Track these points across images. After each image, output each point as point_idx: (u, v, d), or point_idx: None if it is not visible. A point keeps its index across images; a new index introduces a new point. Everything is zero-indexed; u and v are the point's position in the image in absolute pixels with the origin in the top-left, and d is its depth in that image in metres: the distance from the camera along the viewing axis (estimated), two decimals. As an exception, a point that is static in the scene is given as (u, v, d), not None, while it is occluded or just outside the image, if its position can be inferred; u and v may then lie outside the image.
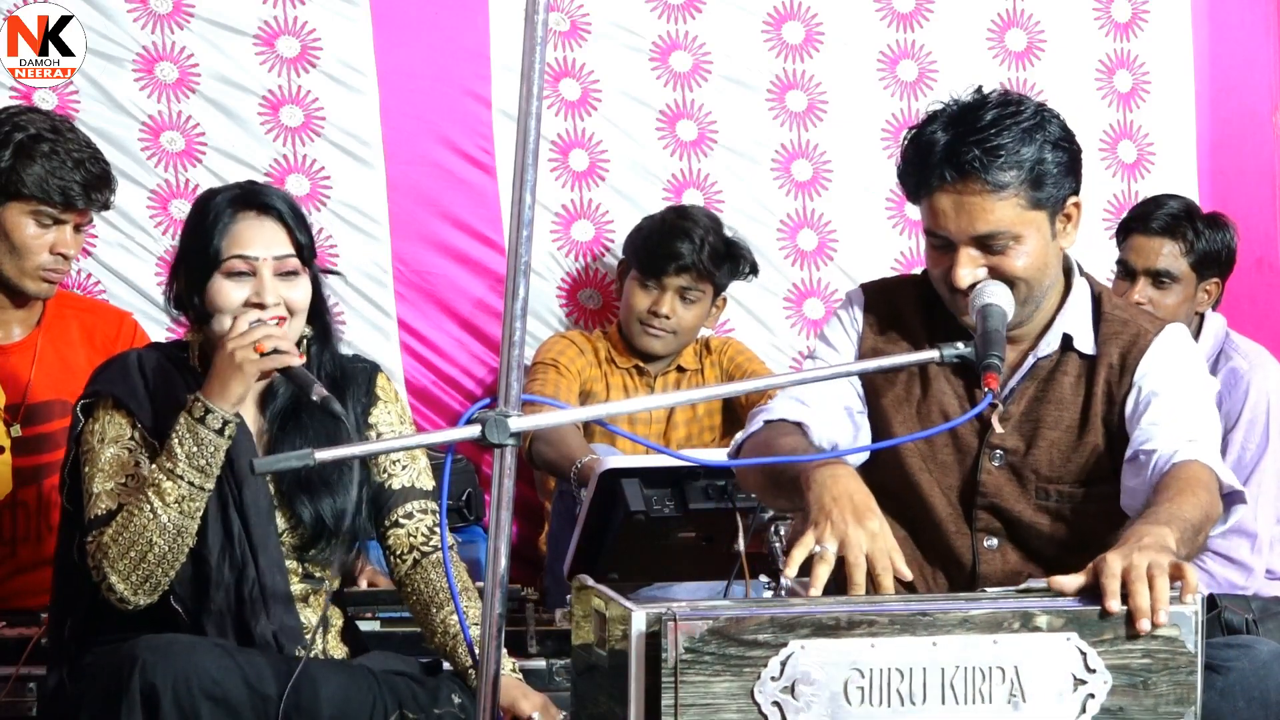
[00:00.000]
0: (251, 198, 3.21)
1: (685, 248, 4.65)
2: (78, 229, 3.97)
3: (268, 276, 3.16)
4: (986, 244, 2.90)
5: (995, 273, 2.91)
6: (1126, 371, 2.97)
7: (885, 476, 2.96)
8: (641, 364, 4.78)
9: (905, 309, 3.07)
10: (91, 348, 4.05)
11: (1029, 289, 2.93)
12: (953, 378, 3.01)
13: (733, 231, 4.83)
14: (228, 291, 3.15)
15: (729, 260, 4.75)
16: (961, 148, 2.89)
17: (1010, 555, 2.97)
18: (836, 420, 3.00)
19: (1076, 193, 2.99)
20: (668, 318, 4.69)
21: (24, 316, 4.06)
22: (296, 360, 3.10)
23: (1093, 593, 2.46)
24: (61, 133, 3.91)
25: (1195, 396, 2.96)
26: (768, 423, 2.99)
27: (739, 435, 3.06)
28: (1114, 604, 2.42)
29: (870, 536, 2.64)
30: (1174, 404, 2.92)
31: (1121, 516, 2.88)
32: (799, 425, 2.96)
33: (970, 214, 2.89)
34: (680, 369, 4.81)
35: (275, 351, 3.09)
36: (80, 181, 3.88)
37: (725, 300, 4.85)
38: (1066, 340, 3.00)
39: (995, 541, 2.98)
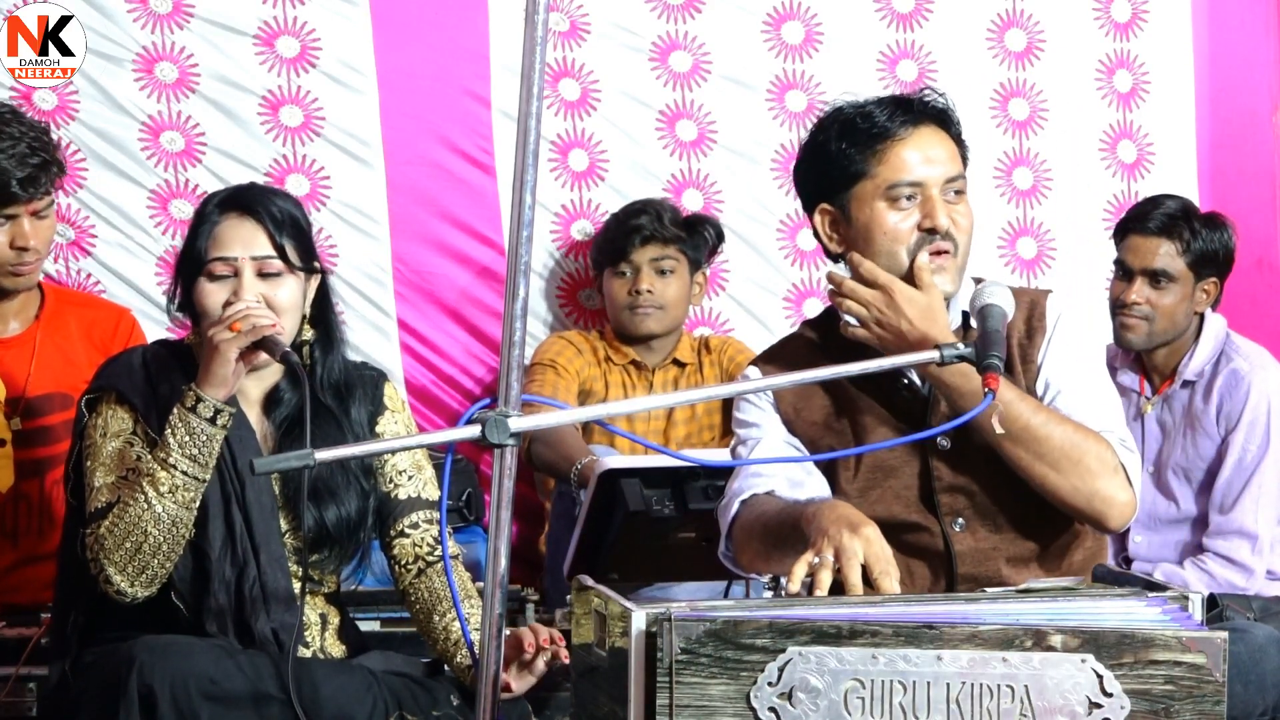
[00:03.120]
0: (237, 199, 3.24)
1: (644, 219, 4.71)
2: (36, 215, 3.91)
3: (248, 276, 3.17)
4: (952, 189, 3.03)
5: (954, 225, 3.01)
6: (1035, 333, 3.06)
7: None
8: (638, 359, 4.78)
9: (802, 353, 3.13)
10: (90, 343, 4.04)
11: (968, 250, 3.04)
12: (876, 387, 3.06)
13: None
14: (210, 293, 3.18)
15: (691, 227, 4.78)
16: (913, 102, 3.07)
17: (979, 530, 3.01)
18: (791, 475, 3.04)
19: None
20: (650, 292, 4.70)
21: (19, 310, 4.06)
22: (270, 330, 3.11)
23: None
24: None
25: (1095, 375, 3.09)
26: (743, 503, 3.04)
27: (724, 523, 3.09)
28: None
29: (865, 541, 2.70)
30: (1080, 394, 3.03)
31: None
32: (770, 494, 3.02)
33: (941, 157, 3.04)
34: (678, 363, 4.81)
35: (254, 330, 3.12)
36: (17, 178, 3.83)
37: (706, 277, 4.85)
38: (965, 318, 3.07)
39: (962, 521, 3.01)
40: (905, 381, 3.04)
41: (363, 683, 3.11)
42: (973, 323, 2.99)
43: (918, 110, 3.05)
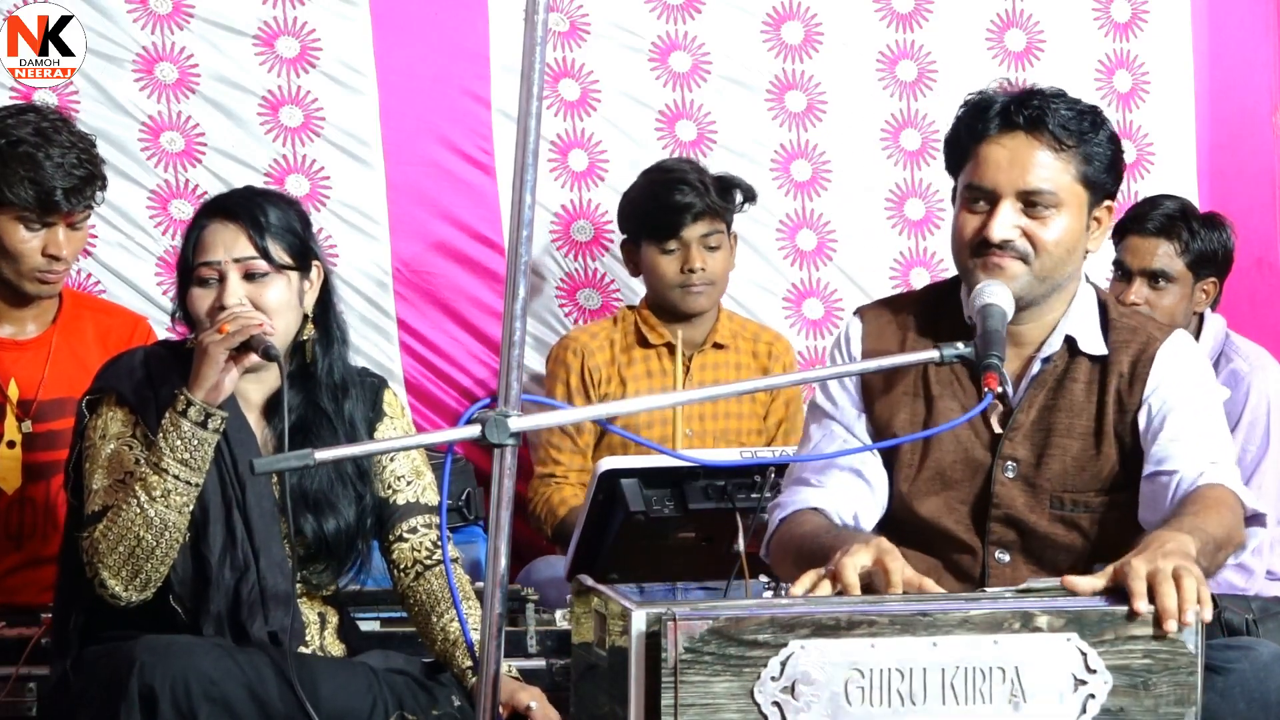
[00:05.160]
0: (221, 204, 3.27)
1: (692, 197, 4.53)
2: (72, 227, 3.94)
3: (232, 279, 3.19)
4: (1030, 202, 2.90)
5: (1028, 238, 2.89)
6: (1137, 381, 2.96)
7: (894, 502, 2.98)
8: (674, 342, 4.62)
9: (906, 319, 3.06)
10: (105, 349, 4.03)
11: (1051, 267, 2.92)
12: (959, 389, 3.00)
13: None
14: (198, 298, 3.21)
15: (729, 191, 4.62)
16: (1029, 99, 2.93)
17: (1022, 568, 2.95)
18: (848, 487, 2.99)
19: (1112, 196, 3.00)
20: (703, 269, 4.55)
21: (38, 314, 4.07)
22: (257, 330, 3.12)
23: (1112, 595, 2.46)
24: (47, 136, 3.86)
25: (1210, 413, 2.96)
26: (783, 520, 2.99)
27: (770, 526, 3.05)
28: (1142, 605, 2.42)
29: (875, 546, 2.64)
30: (1191, 422, 2.91)
31: (1137, 526, 2.88)
32: (816, 510, 2.96)
33: (1024, 165, 2.90)
34: (718, 345, 4.65)
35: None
36: (62, 188, 3.85)
37: (736, 235, 4.72)
38: (1070, 343, 2.98)
39: (1008, 555, 2.96)
40: (1000, 391, 2.78)
41: (363, 681, 3.11)
42: (1080, 343, 2.97)
43: (1016, 114, 2.94)
